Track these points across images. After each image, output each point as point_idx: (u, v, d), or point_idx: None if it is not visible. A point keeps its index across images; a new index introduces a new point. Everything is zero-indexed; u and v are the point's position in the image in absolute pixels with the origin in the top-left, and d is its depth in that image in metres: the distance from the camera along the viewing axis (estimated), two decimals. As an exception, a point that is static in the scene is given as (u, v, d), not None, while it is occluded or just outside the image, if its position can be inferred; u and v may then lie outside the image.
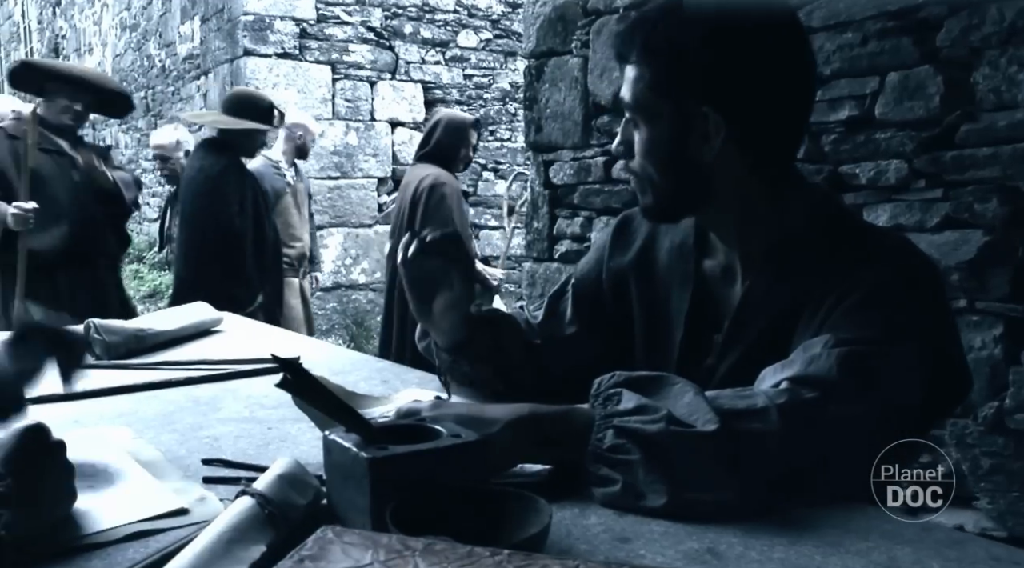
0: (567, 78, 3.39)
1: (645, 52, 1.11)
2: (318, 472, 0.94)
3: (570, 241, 3.48)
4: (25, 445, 0.85)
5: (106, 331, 1.78)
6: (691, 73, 1.09)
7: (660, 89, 1.11)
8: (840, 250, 1.13)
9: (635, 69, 1.12)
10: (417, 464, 0.83)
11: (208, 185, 3.53)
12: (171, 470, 1.06)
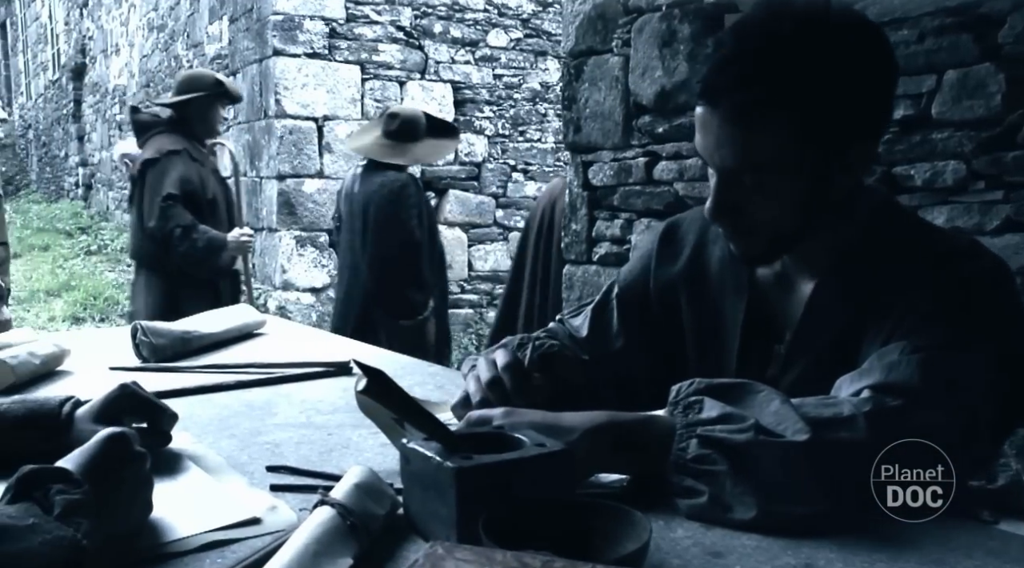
0: (607, 77, 3.37)
1: (777, 105, 1.02)
2: (387, 480, 0.92)
3: (609, 243, 3.45)
4: (107, 453, 0.84)
5: (153, 333, 1.77)
6: (840, 113, 1.03)
7: (805, 140, 1.03)
8: (907, 254, 1.10)
9: (758, 125, 1.02)
10: (503, 474, 0.81)
11: (391, 199, 3.69)
12: (236, 477, 1.04)
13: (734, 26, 1.11)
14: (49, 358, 1.65)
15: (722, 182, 1.09)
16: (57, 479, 0.78)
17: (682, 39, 3.00)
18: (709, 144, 1.07)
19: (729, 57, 1.05)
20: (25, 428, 1.08)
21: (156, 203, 3.53)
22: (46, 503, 0.75)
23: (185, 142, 3.70)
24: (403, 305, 3.76)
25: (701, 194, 2.99)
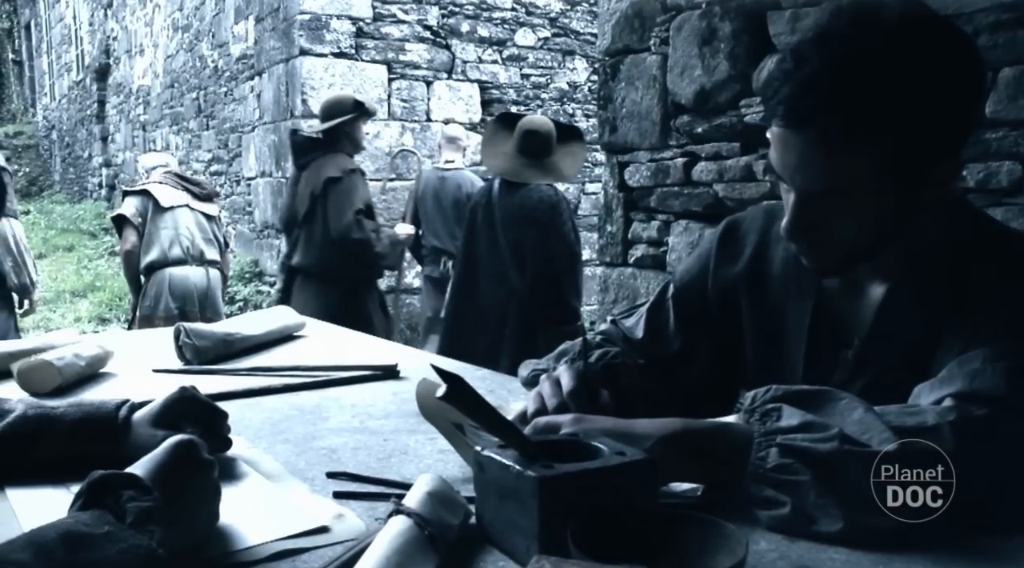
0: (644, 76, 3.34)
1: (870, 129, 0.96)
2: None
3: (646, 245, 3.42)
4: (176, 460, 0.83)
5: (196, 335, 1.77)
6: (935, 130, 0.98)
7: (897, 162, 0.98)
8: (984, 258, 1.07)
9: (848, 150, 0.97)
10: (587, 483, 0.79)
11: (551, 215, 3.81)
12: (297, 483, 1.03)
13: (817, 40, 1.01)
14: (94, 360, 1.65)
15: (802, 202, 1.04)
16: (128, 485, 0.77)
17: (723, 37, 2.97)
18: (789, 164, 1.02)
19: (815, 77, 0.98)
20: (82, 432, 1.07)
21: (350, 217, 4.02)
22: (118, 510, 0.74)
23: (351, 160, 4.27)
24: (566, 312, 3.93)
25: (741, 196, 2.96)
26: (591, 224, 7.62)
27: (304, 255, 4.22)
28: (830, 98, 0.96)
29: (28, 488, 1.01)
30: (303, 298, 4.15)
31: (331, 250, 4.08)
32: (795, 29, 2.71)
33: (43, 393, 1.50)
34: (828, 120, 0.96)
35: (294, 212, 4.26)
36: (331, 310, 3.85)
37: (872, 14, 1.00)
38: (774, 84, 1.02)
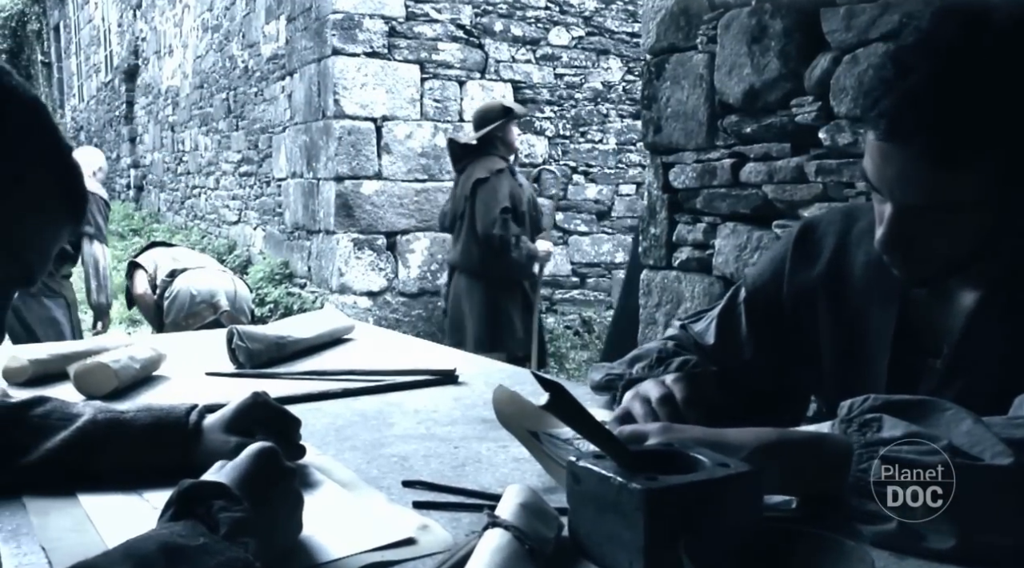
0: (690, 75, 3.30)
1: (984, 143, 0.92)
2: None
3: (691, 248, 3.39)
4: (260, 469, 0.81)
5: (249, 338, 1.76)
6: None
7: (1009, 175, 0.94)
8: None
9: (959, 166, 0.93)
10: (694, 496, 0.76)
11: None
12: (373, 492, 1.01)
13: (921, 47, 0.97)
14: (148, 362, 1.64)
15: (899, 216, 1.00)
16: (217, 495, 0.75)
17: (773, 35, 2.93)
18: (888, 177, 0.98)
19: (920, 88, 0.93)
20: (152, 437, 1.06)
21: (495, 214, 4.32)
22: (210, 521, 0.72)
23: (503, 162, 4.57)
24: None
25: (792, 197, 2.92)
26: (624, 226, 7.59)
27: (457, 252, 4.61)
28: (937, 112, 0.92)
29: (100, 494, 1.00)
30: (458, 292, 4.57)
31: (476, 247, 4.42)
32: (850, 26, 2.67)
33: (99, 396, 1.49)
34: (934, 135, 0.92)
35: (453, 213, 4.64)
36: (479, 304, 4.42)
37: (981, 17, 0.95)
38: (873, 94, 0.98)
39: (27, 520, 0.94)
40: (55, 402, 1.11)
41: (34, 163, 0.80)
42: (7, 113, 0.79)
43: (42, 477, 1.03)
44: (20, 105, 0.80)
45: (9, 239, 0.79)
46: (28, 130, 0.80)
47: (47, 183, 0.81)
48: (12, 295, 0.84)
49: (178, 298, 4.76)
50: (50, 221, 0.83)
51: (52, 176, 0.82)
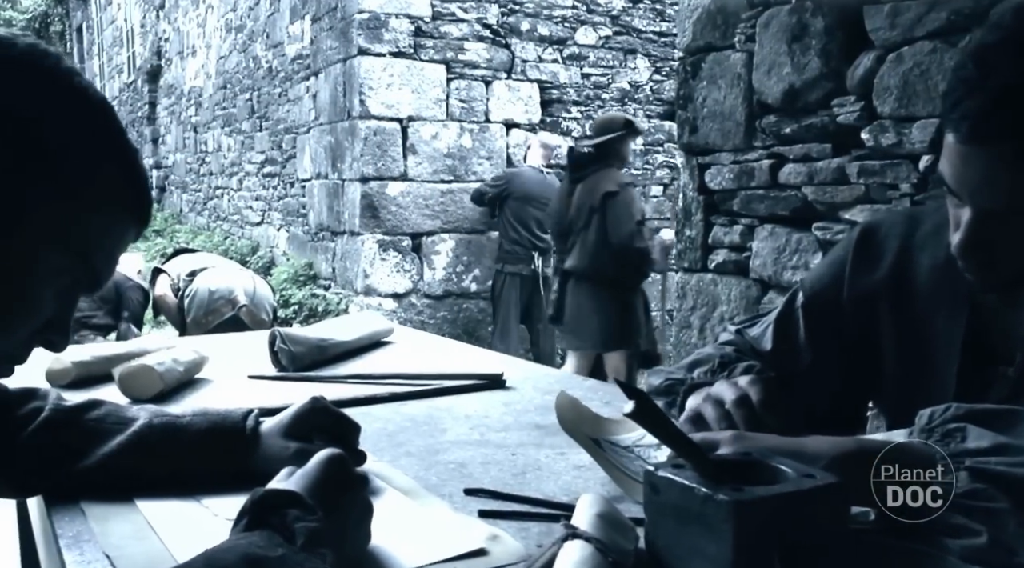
0: (728, 75, 3.28)
1: None
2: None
3: (727, 251, 3.36)
4: (330, 476, 0.80)
5: (292, 341, 1.75)
6: None
7: None
8: None
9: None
10: (782, 508, 0.74)
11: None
12: (436, 501, 1.00)
13: (1006, 45, 0.93)
14: (191, 365, 1.64)
15: (979, 221, 0.97)
16: (291, 504, 0.74)
17: (814, 33, 2.90)
18: (969, 181, 0.95)
19: (1006, 89, 0.90)
20: (210, 442, 1.05)
21: (632, 227, 4.52)
22: (286, 531, 0.71)
23: (627, 175, 4.93)
24: None
25: (833, 199, 2.89)
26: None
27: (578, 259, 4.69)
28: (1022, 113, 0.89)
29: (158, 500, 1.00)
30: (577, 298, 4.72)
31: (604, 255, 4.56)
32: (894, 24, 2.64)
33: (144, 399, 1.49)
34: (1019, 137, 0.89)
35: (569, 221, 4.74)
36: (602, 309, 4.63)
37: None
38: (953, 95, 0.95)
39: (87, 526, 0.93)
40: (109, 406, 1.11)
41: (102, 164, 0.79)
42: (76, 113, 0.78)
43: (99, 482, 1.02)
44: (89, 105, 0.79)
45: (76, 241, 0.78)
46: (96, 131, 0.79)
47: (114, 185, 0.80)
48: (77, 300, 0.83)
49: (197, 296, 4.79)
50: (117, 222, 0.82)
51: (119, 178, 0.81)
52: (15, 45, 0.75)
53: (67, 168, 0.76)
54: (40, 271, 0.76)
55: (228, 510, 0.96)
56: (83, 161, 0.78)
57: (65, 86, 0.77)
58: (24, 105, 0.74)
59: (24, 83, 0.75)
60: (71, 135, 0.77)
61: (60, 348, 0.82)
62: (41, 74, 0.76)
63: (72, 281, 0.80)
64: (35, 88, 0.75)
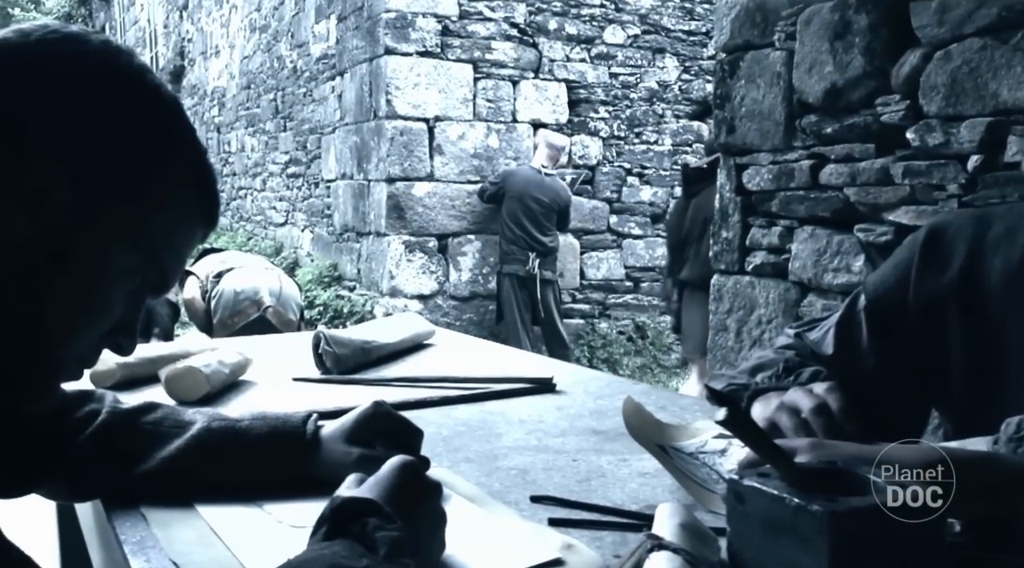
0: (767, 74, 3.24)
1: None
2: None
3: (765, 253, 3.32)
4: (405, 483, 0.79)
5: (336, 343, 1.74)
6: None
7: None
8: None
9: None
10: (878, 519, 0.72)
11: None
12: (503, 508, 0.98)
13: None
14: (236, 367, 1.63)
15: None
16: (370, 512, 0.72)
17: (858, 31, 2.86)
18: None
19: None
20: (270, 447, 1.04)
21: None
22: (367, 540, 0.69)
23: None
24: None
25: (876, 200, 2.85)
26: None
27: (693, 270, 4.86)
28: None
29: (218, 505, 0.98)
30: (692, 306, 4.87)
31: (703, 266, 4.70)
32: (942, 21, 2.60)
33: (191, 401, 1.48)
34: None
35: (685, 234, 4.94)
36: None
37: None
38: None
39: (150, 532, 0.92)
40: (166, 408, 1.10)
41: (172, 163, 0.78)
42: (148, 111, 0.77)
43: (157, 486, 1.01)
44: (161, 103, 0.78)
45: (146, 240, 0.77)
46: (167, 129, 0.78)
47: (184, 184, 0.79)
48: (144, 302, 0.82)
49: (223, 297, 4.80)
50: (185, 220, 0.81)
51: (189, 177, 0.80)
52: (89, 42, 0.75)
53: (138, 166, 0.76)
54: (112, 271, 0.75)
55: (292, 516, 0.95)
56: (154, 160, 0.77)
57: (137, 84, 0.76)
58: (97, 102, 0.73)
59: (97, 80, 0.74)
60: (142, 133, 0.76)
61: (128, 351, 0.81)
62: (114, 71, 0.75)
63: (142, 282, 0.79)
64: (108, 85, 0.74)
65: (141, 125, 0.76)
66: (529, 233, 6.21)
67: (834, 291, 3.04)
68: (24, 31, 0.73)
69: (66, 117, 0.72)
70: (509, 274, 6.29)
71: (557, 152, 6.56)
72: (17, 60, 0.71)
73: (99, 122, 0.73)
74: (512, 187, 6.27)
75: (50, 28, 0.74)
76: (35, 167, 0.69)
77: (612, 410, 1.44)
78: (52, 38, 0.73)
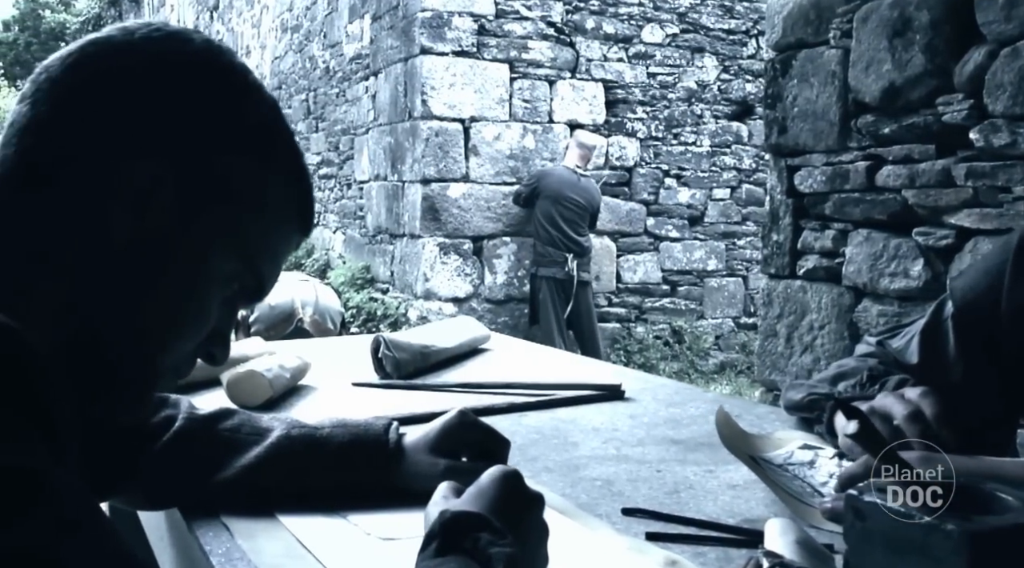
0: (821, 72, 3.20)
1: None
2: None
3: (818, 256, 3.28)
4: (509, 495, 0.77)
5: (396, 347, 1.73)
6: None
7: None
8: None
9: None
10: (1019, 540, 0.69)
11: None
12: (596, 521, 0.96)
13: None
14: (296, 371, 1.62)
15: None
16: (480, 527, 0.70)
17: (918, 28, 2.81)
18: None
19: None
20: (352, 456, 1.02)
21: None
22: (480, 556, 0.68)
23: None
24: None
25: (936, 203, 2.80)
26: (718, 232, 7.47)
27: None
28: None
29: (300, 515, 0.97)
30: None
31: None
32: (1010, 16, 2.55)
33: (253, 406, 1.47)
34: None
35: None
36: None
37: None
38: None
39: (235, 544, 0.90)
40: (242, 414, 1.09)
41: (271, 165, 0.77)
42: (250, 111, 0.75)
43: (236, 495, 1.00)
44: (263, 104, 0.77)
45: (244, 244, 0.75)
46: (268, 130, 0.77)
47: (282, 187, 0.78)
48: (238, 311, 0.81)
49: (258, 311, 4.81)
50: (283, 223, 0.79)
51: (287, 179, 0.79)
52: (192, 40, 0.73)
53: (238, 166, 0.74)
54: (211, 276, 0.74)
55: (379, 528, 0.93)
56: (253, 161, 0.75)
57: (240, 83, 0.75)
58: (200, 101, 0.72)
59: (201, 79, 0.73)
60: (243, 132, 0.75)
61: (220, 361, 0.80)
62: (217, 70, 0.74)
63: (239, 288, 0.77)
64: (211, 84, 0.73)
65: (242, 124, 0.75)
66: (565, 234, 6.18)
67: (891, 296, 2.99)
68: (128, 29, 0.72)
69: (169, 115, 0.70)
70: (546, 276, 6.26)
71: (588, 151, 6.53)
72: (122, 58, 0.70)
73: (201, 121, 0.72)
74: (547, 187, 6.24)
75: (154, 26, 0.73)
76: (140, 165, 0.68)
77: (686, 418, 1.42)
78: (156, 36, 0.72)
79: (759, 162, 7.53)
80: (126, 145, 0.68)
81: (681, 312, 7.44)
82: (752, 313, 7.69)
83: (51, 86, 0.69)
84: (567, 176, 6.32)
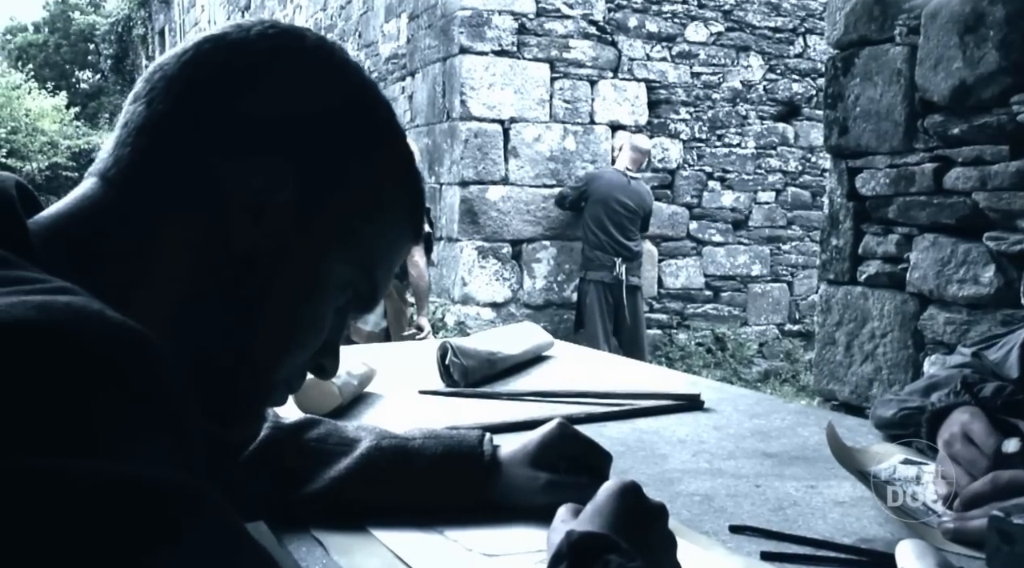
0: (885, 71, 3.15)
1: None
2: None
3: (880, 262, 3.22)
4: (631, 512, 0.75)
5: (463, 354, 1.71)
6: None
7: None
8: None
9: None
10: None
11: None
12: (706, 539, 0.93)
13: None
14: (363, 378, 1.61)
15: None
16: (608, 548, 0.68)
17: (992, 23, 2.76)
18: None
19: None
20: (446, 469, 1.00)
21: None
22: (615, 578, 0.65)
23: None
24: None
25: (1010, 206, 2.74)
26: (763, 236, 7.40)
27: None
28: None
29: (395, 530, 0.95)
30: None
31: None
32: (1090, 13, 2.50)
33: (321, 413, 1.45)
34: None
35: None
36: None
37: None
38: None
39: (331, 560, 0.89)
40: (328, 424, 1.07)
41: (384, 165, 0.75)
42: (365, 110, 0.74)
43: (325, 508, 0.99)
44: (377, 102, 0.75)
45: (357, 249, 0.73)
46: (381, 129, 0.75)
47: (394, 188, 0.76)
48: (348, 321, 0.79)
49: None
50: (394, 226, 0.77)
51: (398, 180, 0.77)
52: (306, 37, 0.72)
53: (352, 167, 0.72)
54: (327, 283, 0.72)
55: (480, 544, 0.91)
56: (369, 162, 0.74)
57: (355, 81, 0.74)
58: (316, 99, 0.71)
59: (316, 76, 0.71)
60: (359, 132, 0.73)
61: (330, 374, 0.78)
62: (332, 68, 0.72)
63: (352, 296, 0.75)
64: (327, 82, 0.72)
65: (358, 123, 0.73)
66: (614, 238, 6.14)
67: (959, 304, 2.94)
68: (243, 26, 0.71)
69: (287, 113, 0.69)
70: (594, 281, 6.23)
71: (641, 155, 6.50)
72: (239, 55, 0.69)
73: (318, 119, 0.70)
74: (596, 191, 6.21)
75: (268, 23, 0.72)
76: (259, 164, 0.66)
77: (774, 430, 1.39)
78: (271, 32, 0.70)
79: (805, 164, 7.45)
80: (245, 142, 0.67)
81: (724, 319, 7.38)
82: (797, 320, 7.62)
83: (168, 84, 0.68)
84: (617, 179, 6.29)
